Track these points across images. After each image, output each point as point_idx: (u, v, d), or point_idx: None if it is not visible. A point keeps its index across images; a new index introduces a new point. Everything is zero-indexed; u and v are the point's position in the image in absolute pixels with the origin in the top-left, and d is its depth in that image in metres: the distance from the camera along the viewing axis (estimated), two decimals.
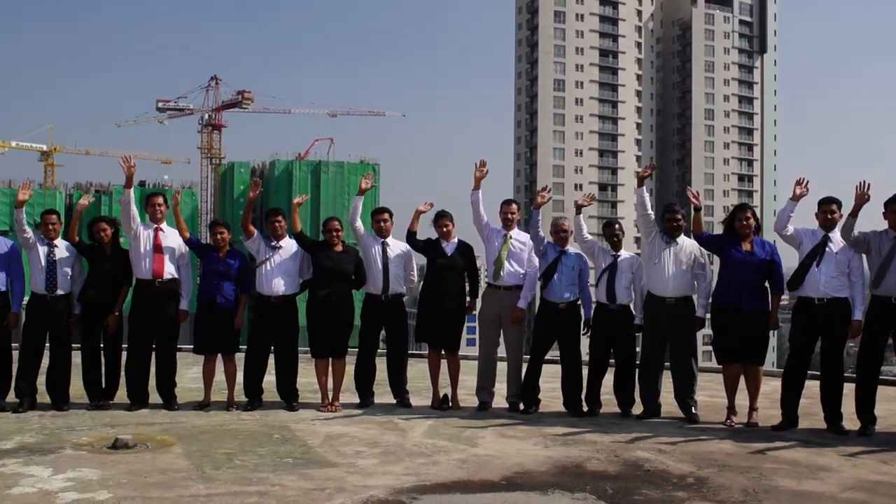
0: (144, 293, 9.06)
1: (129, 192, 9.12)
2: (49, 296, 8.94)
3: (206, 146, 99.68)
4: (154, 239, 9.05)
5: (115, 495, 5.83)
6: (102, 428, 8.10)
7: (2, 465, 6.61)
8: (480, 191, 9.42)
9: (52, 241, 9.01)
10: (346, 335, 9.32)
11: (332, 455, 7.15)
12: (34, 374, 9.07)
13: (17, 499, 5.75)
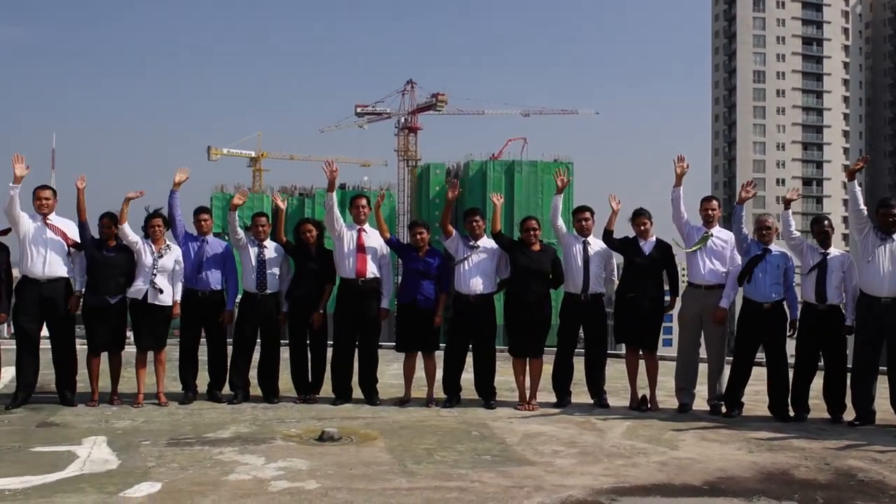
0: (348, 292, 9.37)
1: (332, 196, 9.46)
2: (259, 294, 9.40)
3: (403, 148, 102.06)
4: (357, 239, 9.35)
5: (323, 485, 6.06)
6: (310, 421, 8.45)
7: (219, 453, 7.01)
8: (682, 188, 9.21)
9: (262, 243, 9.47)
10: (543, 334, 9.31)
11: (530, 453, 7.17)
12: (246, 368, 9.57)
13: (233, 485, 6.08)
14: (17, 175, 8.81)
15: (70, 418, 8.45)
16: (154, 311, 9.13)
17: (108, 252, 9.01)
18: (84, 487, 5.94)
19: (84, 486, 5.99)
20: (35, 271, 8.91)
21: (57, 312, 9.04)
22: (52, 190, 9.18)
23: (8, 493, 5.78)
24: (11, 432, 7.78)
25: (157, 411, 8.87)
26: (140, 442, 7.39)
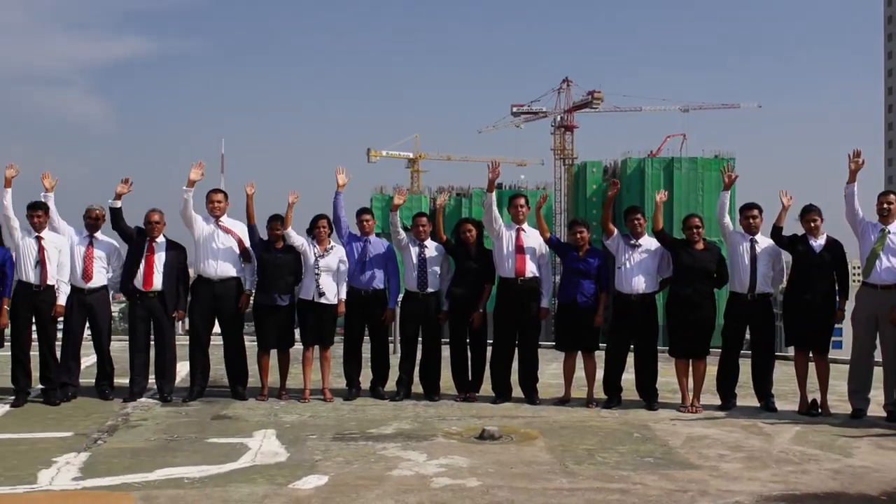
0: (507, 291, 9.39)
1: (491, 196, 9.50)
2: (420, 293, 9.54)
3: (559, 147, 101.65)
4: (516, 239, 9.35)
5: (484, 483, 6.10)
6: (470, 419, 8.52)
7: (383, 449, 7.16)
8: (856, 183, 8.80)
9: (423, 242, 9.61)
10: (707, 335, 9.08)
11: (694, 457, 7.00)
12: (411, 365, 9.73)
13: (396, 480, 6.20)
14: (191, 179, 9.27)
15: (242, 412, 8.82)
16: (320, 310, 9.42)
17: (277, 253, 9.34)
18: (255, 478, 6.19)
19: (255, 476, 6.24)
20: (208, 271, 9.36)
21: (228, 311, 9.47)
22: (223, 193, 9.60)
23: (187, 482, 6.09)
24: (189, 424, 8.19)
25: (323, 407, 9.14)
26: (307, 436, 7.64)
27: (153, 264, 9.31)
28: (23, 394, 9.09)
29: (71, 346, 9.43)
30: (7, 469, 6.40)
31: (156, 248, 9.34)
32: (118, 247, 9.64)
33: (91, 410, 8.82)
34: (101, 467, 6.50)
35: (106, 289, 9.56)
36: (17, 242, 9.01)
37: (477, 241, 9.57)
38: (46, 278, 8.99)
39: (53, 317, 9.15)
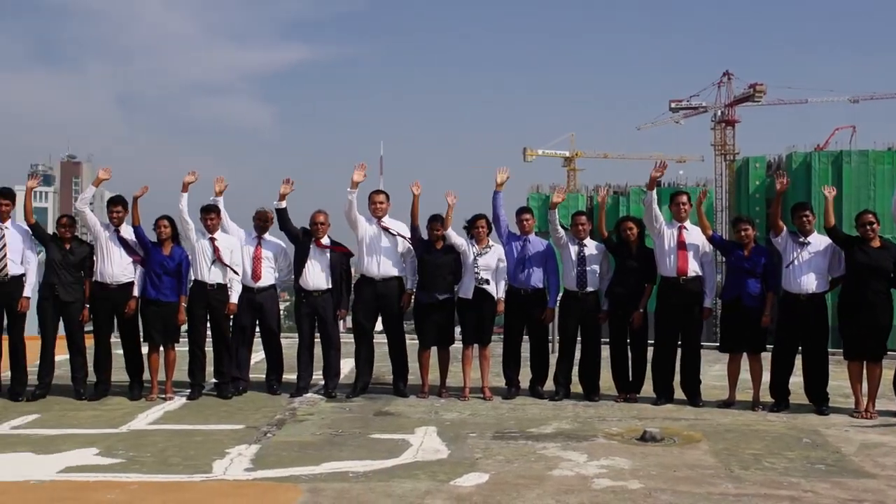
0: (669, 290, 9.20)
1: (652, 194, 9.33)
2: (580, 292, 9.47)
3: (719, 142, 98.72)
4: (678, 237, 9.16)
5: (646, 486, 6.00)
6: (631, 420, 8.40)
7: (543, 448, 7.15)
8: None
9: (582, 241, 9.52)
10: (883, 336, 8.63)
11: (870, 465, 6.67)
12: (570, 365, 9.67)
13: (557, 480, 6.18)
14: (354, 180, 9.51)
15: (403, 408, 8.98)
16: (479, 309, 9.47)
17: (437, 253, 9.46)
18: (418, 474, 6.29)
19: (418, 472, 6.35)
20: (371, 270, 9.57)
21: (391, 309, 9.65)
22: (385, 194, 9.80)
23: (352, 476, 6.25)
24: (353, 419, 8.41)
25: (483, 405, 9.20)
26: (467, 434, 7.71)
27: (317, 264, 9.61)
28: (198, 388, 9.56)
29: (242, 342, 9.84)
30: (185, 458, 6.75)
31: (322, 248, 9.63)
32: (285, 247, 9.99)
33: (260, 405, 9.17)
34: (271, 459, 6.76)
35: (274, 287, 9.93)
36: (192, 244, 9.49)
37: (638, 240, 9.42)
38: (220, 277, 9.46)
39: (226, 314, 9.59)
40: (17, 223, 9.44)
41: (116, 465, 6.57)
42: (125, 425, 8.11)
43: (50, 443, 7.34)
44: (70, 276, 9.33)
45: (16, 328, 9.40)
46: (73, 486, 6.00)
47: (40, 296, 9.50)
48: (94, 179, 9.60)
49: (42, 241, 9.53)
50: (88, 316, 9.52)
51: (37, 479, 6.15)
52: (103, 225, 9.48)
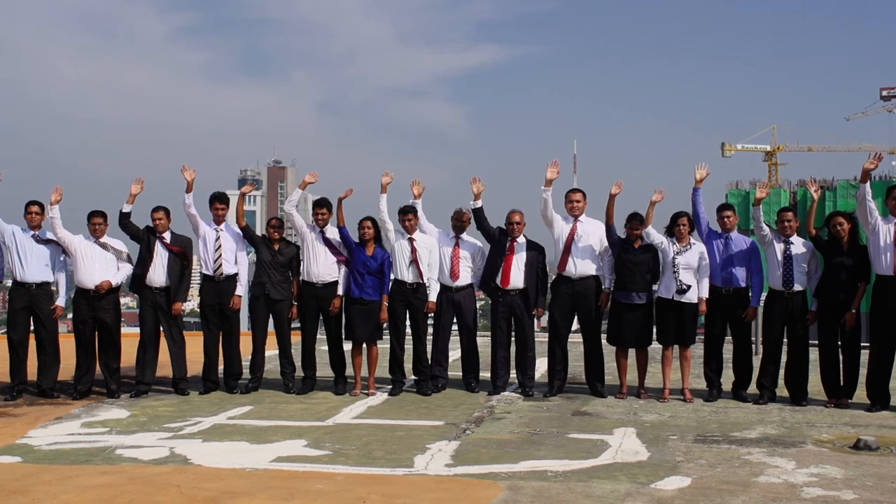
0: (885, 289, 8.64)
1: (865, 187, 8.81)
2: (786, 292, 9.06)
3: None
4: (895, 233, 8.62)
5: (861, 497, 5.68)
6: (842, 427, 7.98)
7: (747, 453, 6.90)
8: None
9: (788, 238, 9.12)
10: None
11: None
12: (775, 368, 9.30)
13: (763, 487, 5.94)
14: (548, 178, 9.53)
15: (601, 409, 8.90)
16: (680, 308, 9.26)
17: (635, 252, 9.31)
18: (617, 476, 6.21)
19: (617, 474, 6.26)
20: (570, 269, 9.54)
21: (587, 308, 9.59)
22: (581, 192, 9.74)
23: (550, 475, 6.25)
24: (550, 419, 8.40)
25: (683, 407, 8.98)
26: (668, 436, 7.55)
27: (512, 263, 9.65)
28: (399, 384, 9.82)
29: (441, 340, 10.02)
30: (388, 452, 6.95)
31: (516, 247, 9.67)
32: (481, 247, 10.11)
33: (459, 402, 9.32)
34: (470, 456, 6.85)
35: (472, 287, 10.06)
36: (392, 244, 9.75)
37: (850, 236, 8.93)
38: (419, 277, 9.66)
39: (425, 313, 9.81)
40: (230, 226, 10.00)
41: (323, 456, 6.85)
42: (331, 419, 8.43)
43: (262, 433, 7.73)
44: (279, 275, 9.80)
45: (230, 323, 9.96)
46: (283, 475, 6.29)
47: (251, 294, 10.02)
48: (301, 183, 10.03)
49: (252, 243, 10.06)
50: (296, 314, 9.96)
51: (251, 467, 6.49)
52: (309, 226, 9.89)
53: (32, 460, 6.79)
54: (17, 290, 9.56)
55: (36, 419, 8.43)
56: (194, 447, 7.19)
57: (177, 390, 9.81)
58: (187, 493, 5.73)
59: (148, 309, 9.79)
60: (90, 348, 9.69)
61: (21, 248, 9.48)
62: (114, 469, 6.45)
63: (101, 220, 9.71)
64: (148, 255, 9.71)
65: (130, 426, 8.12)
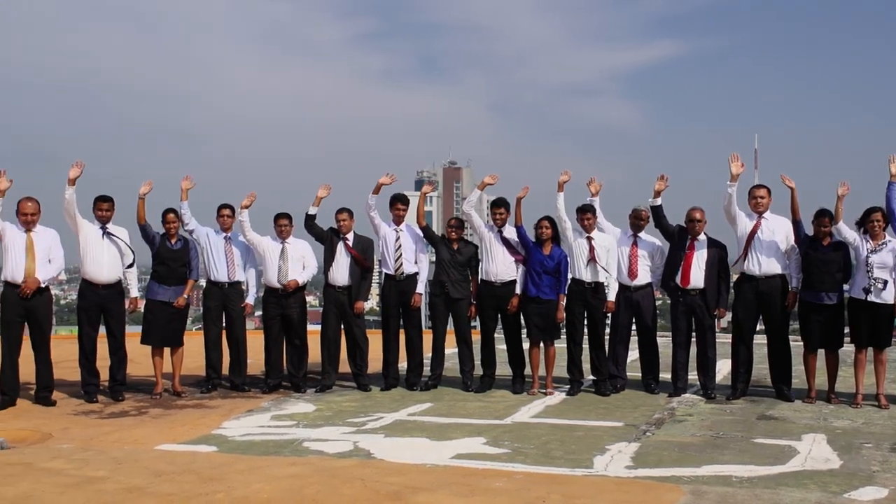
0: None
1: None
2: None
3: None
4: None
5: None
6: None
7: None
8: None
9: None
10: None
11: None
12: None
13: None
14: (733, 174, 9.24)
15: (788, 413, 8.56)
16: (874, 310, 8.79)
17: (824, 249, 8.91)
18: (807, 483, 5.95)
19: (806, 482, 6.00)
20: (752, 268, 9.23)
21: (773, 308, 9.26)
22: (766, 188, 9.40)
23: (735, 480, 6.05)
24: (734, 422, 8.15)
25: (878, 414, 8.51)
26: (861, 444, 7.17)
27: (692, 261, 9.41)
28: (577, 384, 9.77)
29: (619, 340, 9.90)
30: (566, 452, 6.92)
31: (696, 245, 9.43)
32: (660, 245, 9.92)
33: (638, 403, 9.18)
34: (651, 458, 6.73)
35: (651, 286, 9.89)
36: (570, 243, 9.71)
37: None
38: (595, 276, 9.60)
39: (604, 312, 9.73)
40: (410, 226, 10.21)
41: (502, 455, 6.88)
42: (509, 417, 8.47)
43: (442, 430, 7.86)
44: (458, 274, 9.94)
45: (410, 322, 10.17)
46: (463, 472, 6.36)
47: (431, 293, 10.20)
48: (479, 183, 10.13)
49: (432, 242, 10.24)
50: (475, 312, 10.06)
51: (432, 463, 6.60)
52: (487, 226, 9.97)
53: (227, 450, 7.15)
54: (212, 289, 10.09)
55: (229, 411, 8.88)
56: (377, 442, 7.39)
57: (359, 386, 10.10)
58: (371, 486, 5.88)
59: (331, 307, 10.12)
60: (279, 344, 10.12)
61: (215, 249, 10.00)
62: (301, 461, 6.71)
63: (286, 221, 10.12)
64: (331, 255, 10.04)
65: (316, 420, 8.42)
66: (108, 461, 6.65)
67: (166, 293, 9.65)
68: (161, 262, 9.69)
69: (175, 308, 9.67)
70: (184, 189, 9.91)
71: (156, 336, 9.75)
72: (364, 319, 10.48)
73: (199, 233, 10.04)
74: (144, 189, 9.68)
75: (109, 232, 9.51)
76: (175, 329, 9.78)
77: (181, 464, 6.58)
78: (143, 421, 8.48)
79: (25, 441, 7.68)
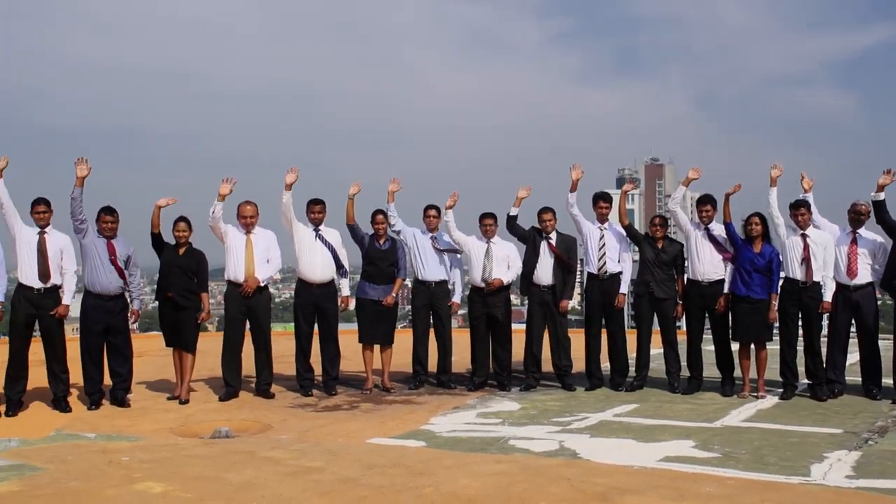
0: None
1: None
2: None
3: None
4: None
5: None
6: None
7: None
8: None
9: None
10: None
11: None
12: None
13: None
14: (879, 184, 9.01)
15: None
16: None
17: None
18: None
19: None
20: None
21: None
22: None
23: None
24: None
25: None
26: None
27: None
28: (790, 387, 9.39)
29: (837, 343, 9.42)
30: (781, 459, 6.64)
31: None
32: (883, 242, 9.36)
33: (858, 409, 8.69)
34: (874, 469, 6.35)
35: (872, 286, 9.35)
36: (782, 241, 9.35)
37: None
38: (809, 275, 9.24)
39: (819, 313, 9.32)
40: (613, 225, 10.11)
41: (712, 459, 6.68)
42: (719, 420, 8.23)
43: (649, 432, 7.72)
44: (663, 273, 9.75)
45: (614, 321, 10.06)
46: (672, 475, 6.22)
47: (635, 292, 10.07)
48: (684, 179, 9.90)
49: (636, 241, 10.07)
50: (681, 312, 9.84)
51: (639, 465, 6.50)
52: (694, 224, 9.74)
53: (434, 445, 7.31)
54: (419, 288, 10.34)
55: (436, 407, 9.07)
56: (582, 442, 7.35)
57: (564, 385, 10.08)
58: (577, 486, 5.85)
59: (535, 307, 10.15)
60: (484, 343, 10.24)
61: (421, 250, 10.24)
62: (507, 458, 6.76)
63: (490, 221, 10.23)
64: (534, 254, 10.07)
65: (521, 419, 8.47)
66: (323, 453, 6.95)
67: (376, 292, 9.95)
68: (370, 262, 10.00)
69: (384, 306, 9.96)
70: (390, 191, 10.22)
71: (366, 333, 10.07)
72: (567, 318, 10.44)
73: (406, 233, 10.30)
74: (353, 190, 10.03)
75: (321, 234, 9.92)
76: (385, 327, 10.07)
77: (391, 457, 6.78)
78: (355, 415, 8.80)
79: (248, 431, 8.15)
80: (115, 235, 9.15)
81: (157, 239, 9.44)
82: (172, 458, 6.79)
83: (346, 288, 10.34)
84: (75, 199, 8.84)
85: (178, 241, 9.44)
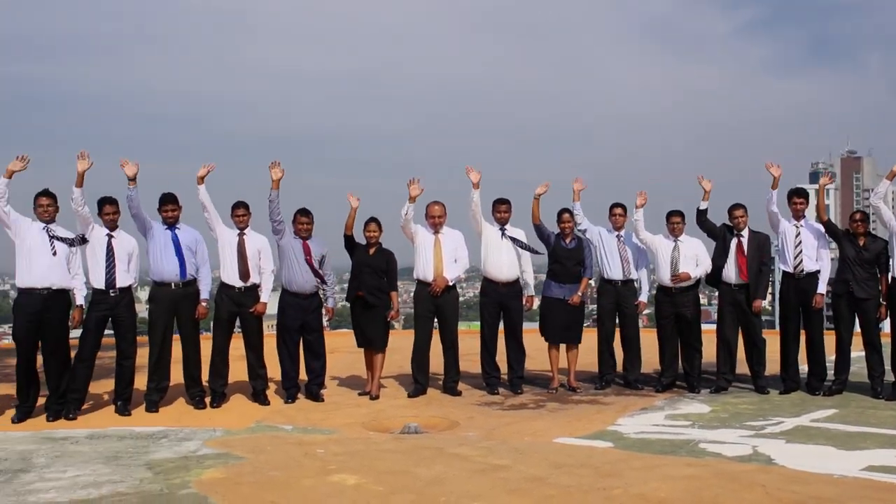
0: None
1: None
2: None
3: None
4: None
5: None
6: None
7: None
8: None
9: None
10: None
11: None
12: None
13: None
14: None
15: None
16: None
17: None
18: None
19: None
20: None
21: None
22: None
23: None
24: None
25: None
26: None
27: None
28: None
29: None
30: None
31: None
32: None
33: None
34: None
35: None
36: None
37: None
38: None
39: None
40: (809, 221, 9.72)
41: None
42: None
43: (850, 439, 7.35)
44: (864, 272, 9.27)
45: (811, 323, 9.65)
46: (876, 486, 5.90)
47: (833, 292, 9.61)
48: (889, 173, 9.35)
49: (835, 238, 9.63)
50: (885, 313, 9.36)
51: (839, 474, 6.18)
52: None
53: (622, 447, 7.22)
54: (605, 287, 10.24)
55: (623, 408, 8.96)
56: (778, 447, 7.07)
57: (756, 388, 9.74)
58: (773, 493, 5.65)
59: (727, 306, 9.86)
60: (672, 343, 10.03)
61: (608, 248, 10.14)
62: (698, 462, 6.60)
63: (678, 219, 10.02)
64: (724, 252, 9.80)
65: (712, 421, 8.25)
66: (509, 451, 6.99)
67: (561, 290, 9.91)
68: (556, 261, 9.97)
69: (571, 306, 9.91)
70: (575, 190, 10.17)
71: (552, 333, 10.05)
72: (760, 319, 10.09)
73: (592, 232, 10.22)
74: (540, 190, 10.02)
75: (507, 233, 9.97)
76: (572, 326, 10.02)
77: (579, 457, 6.75)
78: (541, 414, 8.81)
79: (436, 427, 8.31)
80: (310, 236, 9.55)
81: (350, 240, 9.77)
82: (365, 452, 7.01)
83: (531, 287, 10.38)
84: (272, 201, 9.28)
85: (369, 241, 9.73)
